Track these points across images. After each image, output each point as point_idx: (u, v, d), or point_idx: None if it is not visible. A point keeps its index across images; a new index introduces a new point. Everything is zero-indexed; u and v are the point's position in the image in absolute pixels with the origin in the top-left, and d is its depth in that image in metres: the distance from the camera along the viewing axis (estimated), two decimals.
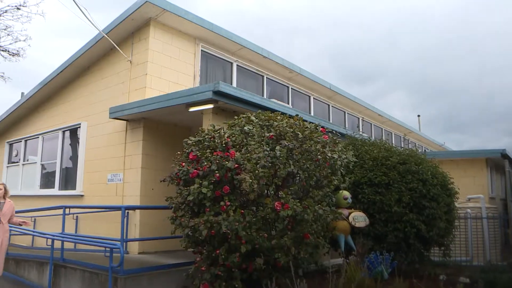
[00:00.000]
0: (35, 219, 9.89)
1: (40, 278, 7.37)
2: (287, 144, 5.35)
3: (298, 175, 5.57)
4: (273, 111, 6.52)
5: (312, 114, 13.10)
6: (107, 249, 5.92)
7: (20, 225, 6.90)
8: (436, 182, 7.06)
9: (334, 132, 6.78)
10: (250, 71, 11.45)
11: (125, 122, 8.77)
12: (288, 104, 12.34)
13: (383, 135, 18.25)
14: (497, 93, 75.57)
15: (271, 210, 4.96)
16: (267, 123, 5.88)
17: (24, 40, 18.06)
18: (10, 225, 6.80)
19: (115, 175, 8.79)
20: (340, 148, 6.17)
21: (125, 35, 9.23)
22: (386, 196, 6.74)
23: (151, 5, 8.27)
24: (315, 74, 13.30)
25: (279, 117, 6.05)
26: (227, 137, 5.51)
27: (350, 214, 6.42)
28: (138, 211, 7.98)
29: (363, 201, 6.83)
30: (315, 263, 6.16)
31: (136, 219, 7.99)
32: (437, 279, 6.63)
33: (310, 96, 13.85)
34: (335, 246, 6.50)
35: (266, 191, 5.26)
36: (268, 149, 5.25)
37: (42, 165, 11.55)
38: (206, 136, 5.64)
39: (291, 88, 12.93)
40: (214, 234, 4.92)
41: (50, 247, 6.96)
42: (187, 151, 5.63)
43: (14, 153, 13.18)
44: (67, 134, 10.80)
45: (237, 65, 10.91)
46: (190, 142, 5.67)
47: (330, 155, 5.70)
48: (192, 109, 7.16)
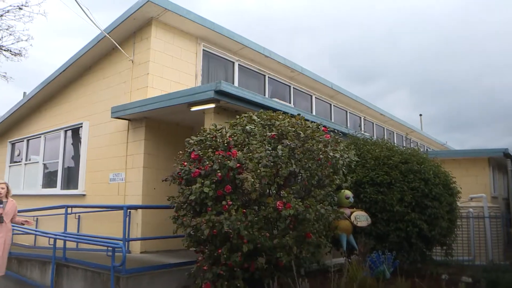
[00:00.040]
0: (37, 219, 9.91)
1: (42, 278, 7.39)
2: (289, 143, 5.35)
3: (300, 175, 5.57)
4: (275, 110, 6.52)
5: (314, 113, 13.08)
6: (109, 248, 5.92)
7: (23, 224, 6.91)
8: (438, 182, 7.05)
9: (336, 131, 6.77)
10: (252, 70, 11.44)
11: (127, 121, 8.78)
12: (290, 103, 12.33)
13: (385, 134, 18.21)
14: (499, 92, 75.50)
15: (273, 210, 4.96)
16: (269, 123, 5.88)
17: (26, 40, 18.13)
18: (13, 224, 6.82)
19: (117, 174, 8.80)
20: (342, 148, 6.17)
21: (127, 34, 9.23)
22: (388, 195, 6.72)
23: (153, 4, 8.28)
24: (317, 73, 13.31)
25: (281, 116, 6.04)
26: (229, 136, 5.51)
27: (352, 213, 6.41)
28: (140, 211, 7.99)
29: (365, 200, 6.82)
30: (317, 262, 6.15)
31: (138, 218, 8.00)
32: (439, 279, 6.62)
33: (312, 96, 13.85)
34: (337, 245, 6.49)
35: (268, 190, 5.26)
36: (270, 148, 5.25)
37: (44, 164, 11.56)
38: (208, 136, 5.65)
39: (293, 88, 12.92)
40: (216, 233, 4.92)
41: (52, 246, 6.98)
42: (189, 150, 5.63)
43: (17, 152, 13.19)
44: (69, 133, 10.81)
45: (238, 64, 10.91)
46: (192, 141, 5.68)
47: (332, 154, 5.70)
48: (194, 108, 7.16)
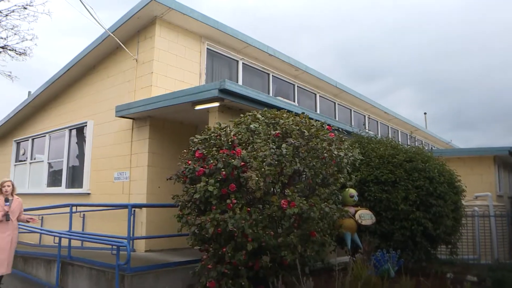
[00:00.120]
0: (42, 217, 9.95)
1: (47, 276, 7.43)
2: (293, 142, 5.35)
3: (304, 173, 5.56)
4: (279, 109, 6.51)
5: (318, 112, 13.07)
6: (114, 247, 5.95)
7: (28, 221, 6.93)
8: (443, 180, 7.02)
9: (340, 130, 6.76)
10: (256, 69, 11.44)
11: (131, 120, 8.79)
12: (294, 102, 12.31)
13: (390, 132, 18.17)
14: (504, 90, 75.07)
15: (278, 208, 4.96)
16: (273, 121, 5.87)
17: (31, 39, 18.19)
18: (19, 222, 6.84)
19: (122, 173, 8.82)
20: (346, 146, 6.15)
21: (131, 33, 9.25)
22: (392, 194, 6.71)
23: (157, 3, 8.28)
24: (320, 72, 13.28)
25: (285, 115, 6.03)
26: (233, 135, 5.51)
27: (356, 212, 6.40)
28: (144, 209, 8.01)
29: (370, 199, 6.80)
30: (321, 261, 6.14)
31: (142, 217, 8.02)
32: (444, 277, 6.61)
33: (316, 94, 13.83)
34: (342, 244, 6.49)
35: (272, 189, 5.26)
36: (274, 147, 5.24)
37: (49, 163, 11.62)
38: (212, 134, 5.65)
39: (297, 86, 12.91)
40: (220, 232, 4.92)
41: (57, 245, 7.02)
42: (193, 149, 5.64)
43: (22, 151, 13.25)
44: (74, 132, 10.85)
45: (242, 63, 10.90)
46: (196, 140, 5.68)
47: (336, 153, 5.69)
48: (198, 107, 7.16)
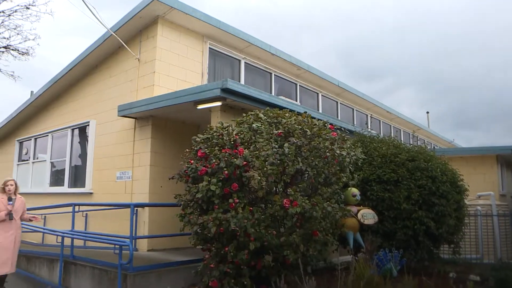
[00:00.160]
0: (45, 217, 9.98)
1: (50, 275, 7.45)
2: (295, 141, 5.35)
3: (307, 172, 5.56)
4: (281, 108, 6.51)
5: (320, 111, 13.05)
6: (117, 246, 5.95)
7: (31, 220, 6.93)
8: (445, 179, 7.01)
9: (343, 129, 6.75)
10: (258, 68, 11.43)
11: (133, 120, 8.80)
12: (296, 101, 12.29)
13: (392, 132, 18.12)
14: (506, 89, 74.84)
15: (280, 208, 4.96)
16: (276, 120, 5.87)
17: (33, 39, 18.23)
18: (22, 222, 6.85)
19: (124, 172, 8.83)
20: (348, 145, 6.16)
21: (133, 33, 9.25)
22: (395, 193, 6.70)
23: (159, 3, 8.28)
24: (323, 71, 13.27)
25: (287, 114, 6.04)
26: (236, 134, 5.51)
27: (358, 211, 6.40)
28: (147, 209, 8.01)
29: (372, 198, 6.80)
30: (323, 260, 6.13)
31: (145, 216, 8.02)
32: (446, 277, 6.60)
33: (318, 93, 13.81)
34: (344, 243, 6.49)
35: (274, 188, 5.26)
36: (276, 146, 5.24)
37: (52, 163, 11.63)
38: (215, 134, 5.65)
39: (299, 85, 12.90)
40: (223, 231, 4.93)
41: (60, 244, 7.04)
42: (195, 148, 5.64)
43: (24, 151, 13.29)
44: (76, 132, 10.86)
45: (245, 62, 10.90)
46: (198, 139, 5.68)
47: (338, 152, 5.68)
48: (200, 106, 7.16)
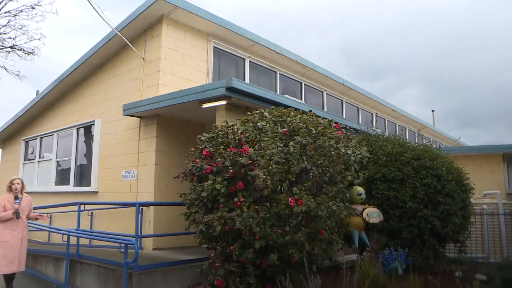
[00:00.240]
0: (51, 216, 10.02)
1: (56, 273, 7.49)
2: (300, 140, 5.34)
3: (312, 171, 5.55)
4: (286, 107, 6.50)
5: (325, 109, 13.03)
6: (122, 245, 5.97)
7: (37, 219, 6.98)
8: (451, 178, 6.98)
9: (348, 127, 6.73)
10: (263, 67, 11.42)
11: (138, 119, 8.82)
12: (301, 100, 12.29)
13: (397, 130, 18.09)
14: (509, 88, 74.35)
15: (285, 206, 4.96)
16: (280, 119, 5.87)
17: (39, 39, 18.41)
18: (28, 220, 6.89)
19: (129, 171, 8.85)
20: (353, 144, 6.14)
21: (137, 32, 9.27)
22: (400, 191, 6.68)
23: (163, 2, 8.29)
24: (328, 69, 13.25)
25: (292, 113, 6.03)
26: (241, 133, 5.50)
27: (364, 210, 6.38)
28: (152, 208, 8.03)
29: (377, 197, 6.78)
30: (329, 259, 6.13)
31: (150, 215, 8.04)
32: (452, 276, 6.57)
33: (323, 92, 13.79)
34: (349, 242, 6.47)
35: (279, 187, 5.26)
36: (281, 145, 5.24)
37: (57, 162, 11.69)
38: (220, 133, 5.65)
39: (304, 84, 12.88)
40: (228, 230, 4.93)
41: (66, 243, 7.07)
42: (200, 147, 5.65)
43: (30, 150, 13.35)
44: (82, 131, 10.90)
45: (249, 61, 10.89)
46: (203, 138, 5.68)
47: (343, 150, 5.67)
48: (205, 105, 7.17)
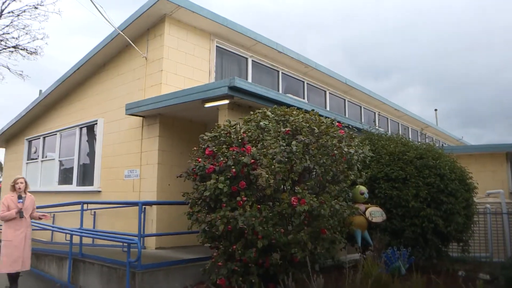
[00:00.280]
0: (54, 215, 10.05)
1: (59, 273, 7.51)
2: (303, 139, 5.33)
3: (315, 170, 5.54)
4: (288, 106, 6.50)
5: (328, 109, 13.01)
6: (125, 244, 5.98)
7: (40, 218, 7.01)
8: (454, 177, 6.95)
9: (350, 127, 6.72)
10: (265, 66, 11.42)
11: (141, 118, 8.83)
12: (304, 99, 12.28)
13: (400, 129, 18.04)
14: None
15: (288, 205, 4.96)
16: (283, 118, 5.86)
17: (42, 39, 18.43)
18: (31, 220, 6.91)
19: (132, 171, 8.87)
20: (356, 143, 6.12)
21: (140, 31, 9.28)
22: (403, 191, 6.67)
23: (166, 1, 8.30)
24: (330, 69, 13.23)
25: (295, 112, 6.02)
26: (243, 132, 5.50)
27: (366, 209, 6.37)
28: (155, 207, 8.04)
29: (380, 196, 6.77)
30: (331, 258, 6.13)
31: (153, 214, 8.05)
32: (455, 275, 6.55)
33: (325, 91, 13.77)
34: (352, 241, 6.46)
35: (282, 186, 5.25)
36: (284, 144, 5.23)
37: (60, 161, 11.72)
38: (222, 132, 5.65)
39: (307, 83, 12.87)
40: (230, 229, 4.94)
41: (69, 242, 7.09)
42: (203, 146, 5.65)
43: (33, 149, 13.39)
44: (84, 130, 10.93)
45: (252, 60, 10.89)
46: (206, 137, 5.69)
47: (346, 150, 5.66)
48: (207, 104, 7.17)
